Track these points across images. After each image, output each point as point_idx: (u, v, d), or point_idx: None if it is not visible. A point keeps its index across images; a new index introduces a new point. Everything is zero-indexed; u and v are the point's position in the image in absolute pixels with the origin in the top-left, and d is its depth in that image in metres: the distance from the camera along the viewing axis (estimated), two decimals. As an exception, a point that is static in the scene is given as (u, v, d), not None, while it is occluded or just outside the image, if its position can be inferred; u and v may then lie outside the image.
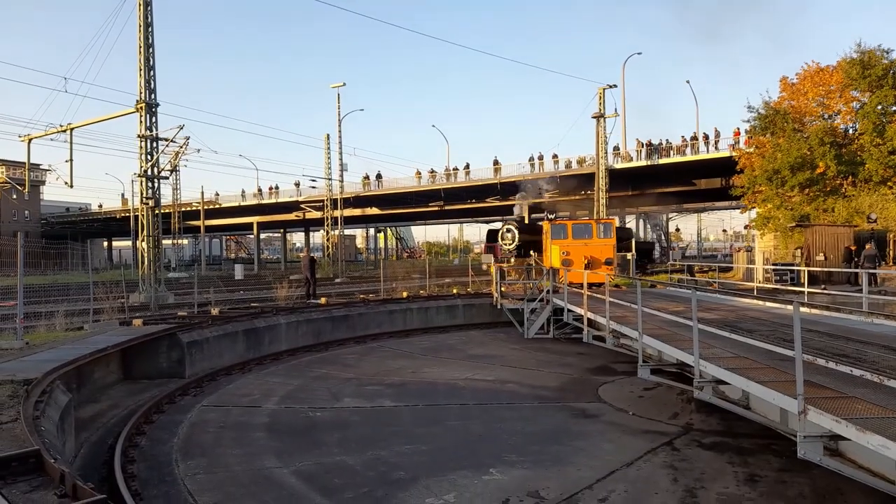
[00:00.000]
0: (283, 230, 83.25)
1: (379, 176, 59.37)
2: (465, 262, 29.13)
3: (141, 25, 25.69)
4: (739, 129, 37.64)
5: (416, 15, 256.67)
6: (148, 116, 25.84)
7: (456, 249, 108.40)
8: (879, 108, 26.63)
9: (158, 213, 27.50)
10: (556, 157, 49.23)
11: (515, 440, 8.35)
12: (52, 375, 8.13)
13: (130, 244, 62.86)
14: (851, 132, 28.70)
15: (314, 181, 57.59)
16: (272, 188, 65.88)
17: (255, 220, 70.42)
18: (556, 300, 17.09)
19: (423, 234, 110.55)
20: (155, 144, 26.37)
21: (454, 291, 23.35)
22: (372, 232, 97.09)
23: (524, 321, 17.96)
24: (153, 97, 25.97)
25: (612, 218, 35.49)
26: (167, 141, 26.98)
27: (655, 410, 9.71)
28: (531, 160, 50.28)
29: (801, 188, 28.19)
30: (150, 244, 26.51)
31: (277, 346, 15.56)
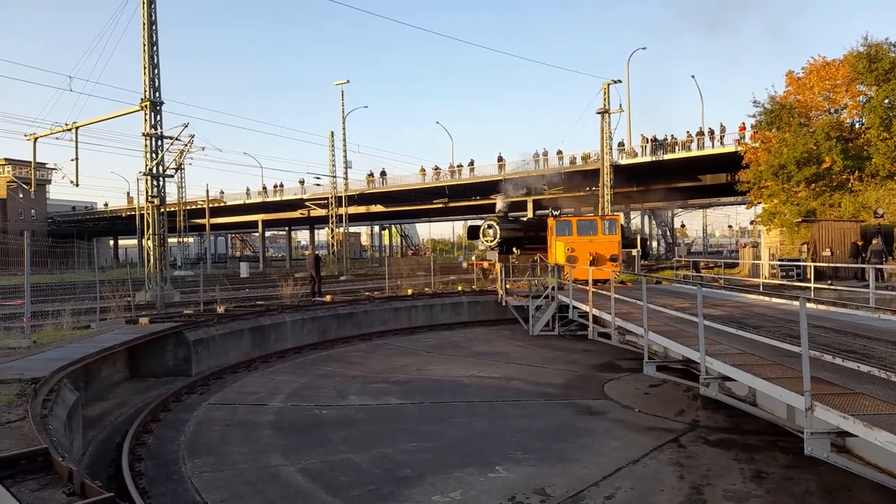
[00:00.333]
0: (287, 228, 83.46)
1: (383, 173, 59.43)
2: (469, 259, 29.07)
3: (145, 23, 25.75)
4: (745, 124, 37.52)
5: (416, 14, 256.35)
6: (153, 115, 25.92)
7: (461, 247, 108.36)
8: (886, 102, 26.43)
9: (164, 211, 27.61)
10: (560, 153, 49.19)
11: (521, 437, 8.35)
12: (59, 374, 8.17)
13: (136, 242, 63.11)
14: (858, 126, 28.51)
15: (319, 179, 57.78)
16: (277, 186, 66.04)
17: (259, 218, 70.58)
18: (561, 297, 17.07)
19: (427, 231, 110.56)
20: (160, 143, 26.46)
21: (459, 289, 23.35)
22: (377, 229, 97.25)
23: (529, 318, 17.95)
24: (158, 95, 26.04)
25: (616, 214, 35.38)
26: (172, 139, 27.09)
27: (661, 407, 9.70)
28: (536, 156, 50.22)
29: (807, 183, 28.03)
30: (155, 242, 26.62)
31: (283, 343, 15.60)
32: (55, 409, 6.92)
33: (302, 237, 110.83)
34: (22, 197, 75.61)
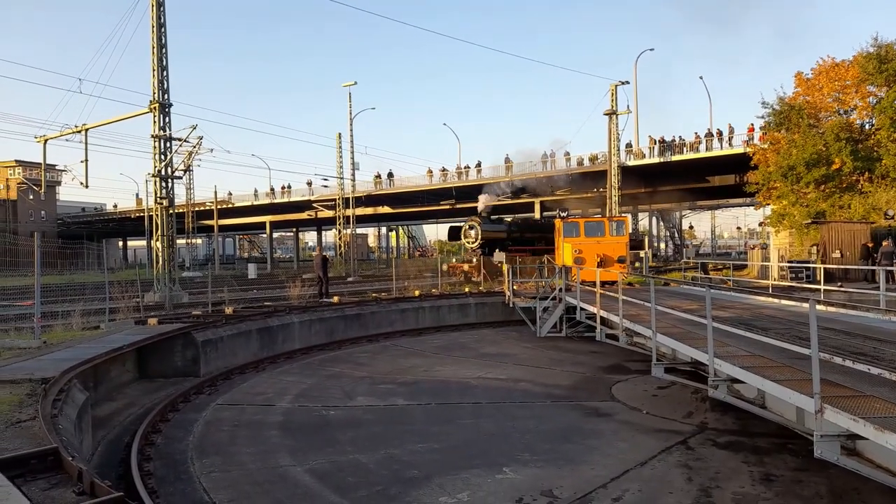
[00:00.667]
0: (295, 229, 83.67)
1: (390, 175, 59.52)
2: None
3: (154, 26, 25.91)
4: (753, 125, 37.35)
5: (418, 14, 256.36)
6: (161, 116, 26.07)
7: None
8: (897, 102, 26.25)
9: (172, 212, 27.75)
10: (567, 154, 49.09)
11: (528, 439, 8.34)
12: (69, 374, 8.23)
13: (145, 244, 63.43)
14: (868, 127, 28.33)
15: (326, 180, 57.89)
16: (284, 187, 66.21)
17: (267, 219, 70.83)
18: (568, 298, 17.04)
19: (434, 232, 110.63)
20: (168, 144, 26.61)
21: (466, 290, 23.35)
22: (384, 231, 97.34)
23: (536, 320, 17.92)
24: (166, 97, 26.19)
25: (624, 216, 35.33)
26: (181, 141, 27.24)
27: (670, 409, 9.66)
28: (543, 158, 50.14)
29: (816, 184, 27.88)
30: (164, 244, 26.76)
31: (291, 344, 15.64)
32: (65, 408, 6.96)
33: (309, 238, 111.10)
34: (32, 198, 76.24)
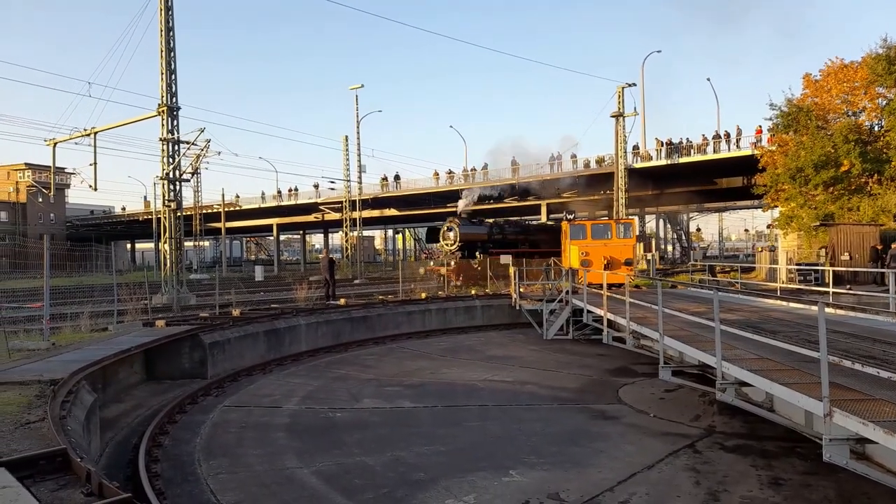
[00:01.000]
0: (302, 232, 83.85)
1: (397, 177, 59.54)
2: (483, 262, 28.75)
3: (162, 30, 26.05)
4: (761, 126, 37.15)
5: (416, 13, 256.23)
6: (169, 120, 26.19)
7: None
8: (906, 104, 26.07)
9: (180, 215, 27.86)
10: (574, 156, 49.00)
11: (535, 441, 8.32)
12: (77, 376, 8.27)
13: (153, 246, 63.74)
14: (877, 129, 28.14)
15: (333, 183, 58.02)
16: (291, 190, 66.35)
17: (274, 221, 71.00)
18: (575, 301, 17.00)
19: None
20: (176, 147, 26.72)
21: (473, 292, 23.33)
22: (390, 233, 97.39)
23: (543, 322, 17.89)
24: (175, 101, 26.31)
25: (631, 218, 35.18)
26: (189, 144, 27.34)
27: (677, 412, 9.62)
28: (550, 160, 50.07)
29: (825, 186, 27.71)
30: (172, 246, 26.86)
31: (297, 346, 15.67)
32: (73, 410, 7.00)
33: (316, 241, 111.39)
34: (41, 201, 76.80)
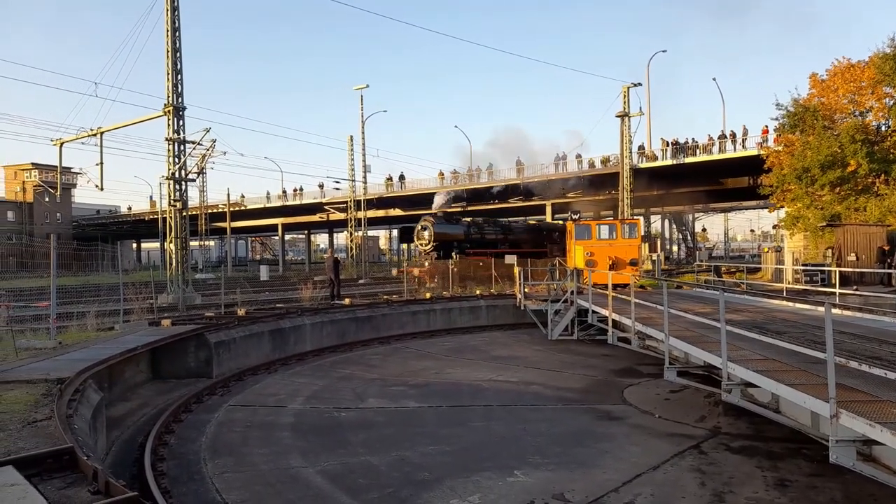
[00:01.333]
0: (307, 231, 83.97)
1: (402, 177, 59.56)
2: (487, 262, 28.53)
3: (168, 30, 26.14)
4: (767, 126, 37.04)
5: (415, 13, 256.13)
6: (175, 120, 26.28)
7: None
8: (914, 104, 25.96)
9: (186, 215, 27.95)
10: (579, 156, 48.90)
11: (540, 442, 8.31)
12: (84, 374, 8.30)
13: (159, 246, 63.94)
14: (884, 129, 28.01)
15: (338, 182, 58.06)
16: (297, 190, 66.45)
17: (279, 221, 71.15)
18: (580, 301, 16.98)
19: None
20: (182, 147, 26.81)
21: (477, 292, 23.33)
22: (395, 233, 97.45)
23: (548, 322, 17.87)
24: (180, 101, 26.40)
25: (636, 218, 35.12)
26: (194, 144, 27.43)
27: (682, 413, 9.59)
28: (555, 160, 50.01)
29: (831, 187, 27.60)
30: (177, 246, 26.95)
31: (302, 346, 15.70)
32: (80, 408, 7.03)
33: (321, 241, 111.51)
34: (48, 201, 77.18)
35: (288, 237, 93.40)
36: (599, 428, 9.00)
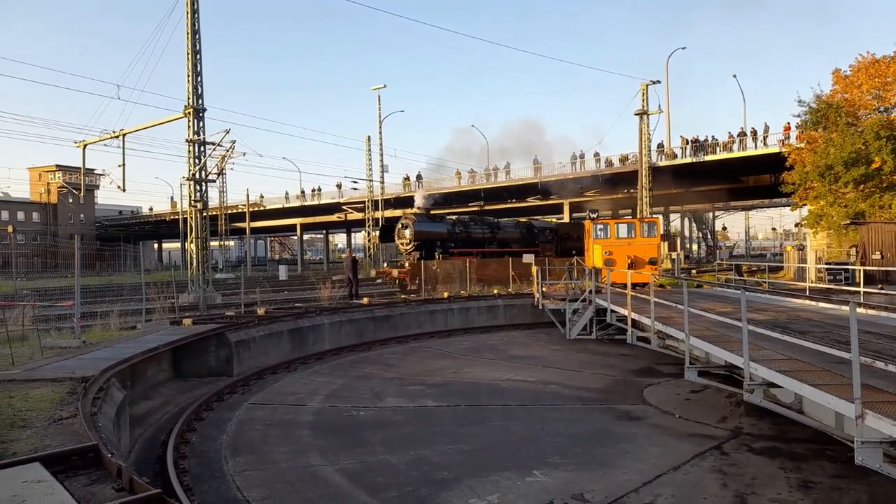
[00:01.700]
0: (325, 231, 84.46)
1: (419, 177, 59.62)
2: (505, 261, 28.20)
3: (188, 33, 26.44)
4: (790, 123, 36.51)
5: (414, 12, 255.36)
6: (196, 121, 26.58)
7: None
8: (940, 99, 25.44)
9: (206, 215, 28.25)
10: (597, 155, 48.63)
11: (559, 441, 8.28)
12: (108, 373, 8.44)
13: (179, 246, 64.72)
14: (910, 125, 27.46)
15: (356, 182, 58.33)
16: (315, 190, 66.87)
17: (298, 221, 71.60)
18: (598, 300, 16.88)
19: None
20: (202, 148, 27.10)
21: (495, 292, 23.29)
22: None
23: (566, 322, 17.79)
24: (200, 102, 26.69)
25: (655, 217, 34.77)
26: (214, 145, 27.71)
27: (703, 413, 9.50)
28: (572, 159, 49.77)
29: (855, 184, 27.12)
30: (198, 246, 27.25)
31: (321, 345, 15.80)
32: (104, 407, 7.15)
33: (339, 240, 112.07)
34: (72, 202, 78.47)
35: (306, 237, 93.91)
36: (619, 428, 8.94)
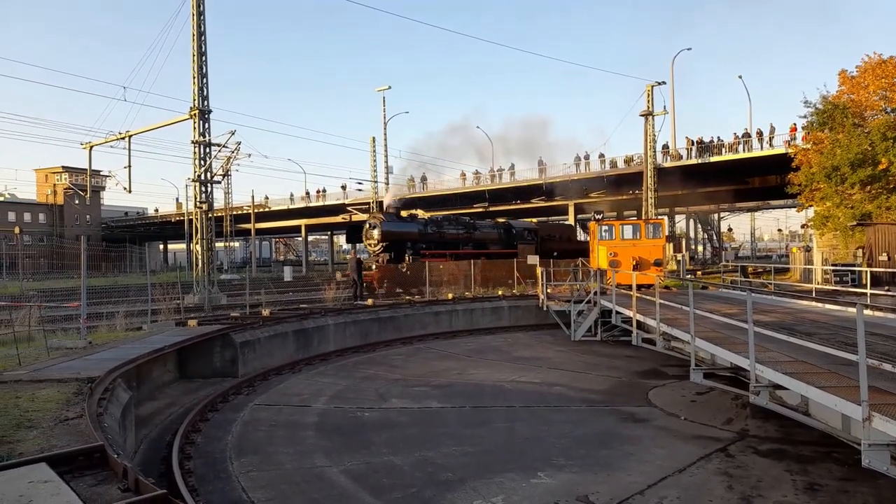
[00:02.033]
0: (330, 232, 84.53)
1: (424, 178, 59.61)
2: (511, 262, 28.06)
3: (194, 35, 26.52)
4: (796, 124, 36.39)
5: (413, 10, 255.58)
6: (201, 123, 26.65)
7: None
8: (947, 100, 25.30)
9: (211, 216, 28.31)
10: (602, 156, 48.53)
11: (563, 443, 8.27)
12: (113, 374, 8.46)
13: (185, 247, 64.94)
14: (917, 126, 27.32)
15: (360, 184, 58.41)
16: (319, 191, 66.95)
17: (302, 222, 71.73)
18: (603, 302, 16.84)
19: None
20: (208, 150, 27.17)
21: (499, 293, 23.28)
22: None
23: (571, 323, 17.76)
24: (206, 104, 26.76)
25: (660, 218, 34.68)
26: (220, 146, 27.78)
27: (708, 415, 9.47)
28: (577, 160, 49.70)
29: (862, 185, 26.99)
30: (203, 247, 27.32)
31: (326, 346, 15.81)
32: (110, 407, 7.17)
33: (344, 241, 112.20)
34: (78, 203, 78.82)
35: (311, 238, 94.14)
36: (624, 430, 8.92)
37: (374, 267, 25.46)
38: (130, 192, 30.59)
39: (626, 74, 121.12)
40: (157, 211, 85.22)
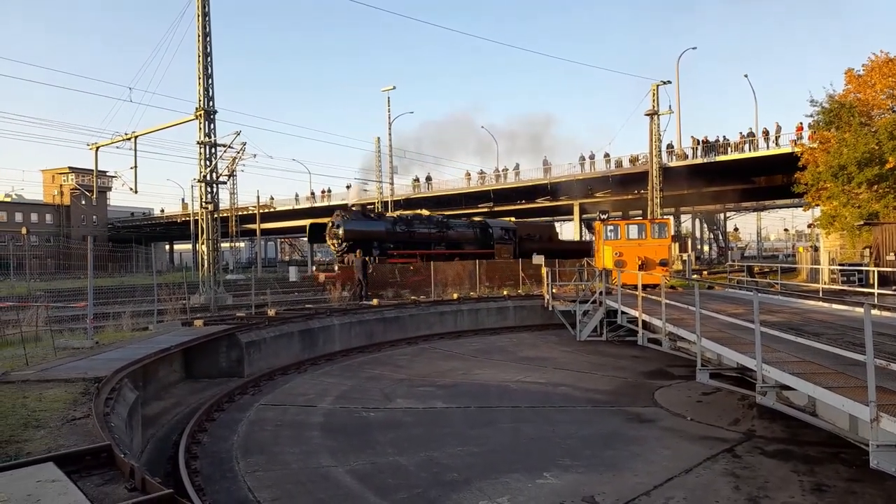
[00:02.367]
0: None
1: (429, 178, 59.73)
2: (515, 262, 27.89)
3: (200, 35, 26.60)
4: (802, 124, 36.27)
5: (413, 9, 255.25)
6: (207, 123, 26.72)
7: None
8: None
9: (217, 217, 28.38)
10: (607, 156, 48.46)
11: (569, 444, 8.25)
12: (120, 374, 8.50)
13: (191, 247, 65.10)
14: (924, 125, 27.15)
15: (365, 184, 58.42)
16: (325, 192, 67.12)
17: (308, 222, 71.71)
18: (609, 302, 16.82)
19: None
20: (213, 150, 27.24)
21: (505, 293, 23.27)
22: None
23: (576, 323, 17.74)
24: (211, 104, 26.83)
25: (666, 217, 34.61)
26: (225, 147, 27.84)
27: (715, 416, 9.43)
28: (582, 160, 49.64)
29: (869, 185, 26.87)
30: (209, 247, 27.38)
31: (331, 346, 15.84)
32: (116, 407, 7.20)
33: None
34: (84, 203, 79.14)
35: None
36: (630, 430, 8.90)
37: (336, 268, 24.73)
38: (136, 192, 30.70)
39: (627, 73, 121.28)
40: (162, 211, 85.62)
